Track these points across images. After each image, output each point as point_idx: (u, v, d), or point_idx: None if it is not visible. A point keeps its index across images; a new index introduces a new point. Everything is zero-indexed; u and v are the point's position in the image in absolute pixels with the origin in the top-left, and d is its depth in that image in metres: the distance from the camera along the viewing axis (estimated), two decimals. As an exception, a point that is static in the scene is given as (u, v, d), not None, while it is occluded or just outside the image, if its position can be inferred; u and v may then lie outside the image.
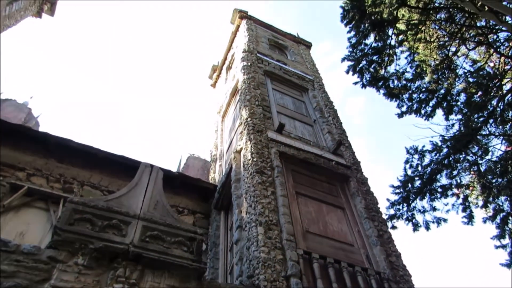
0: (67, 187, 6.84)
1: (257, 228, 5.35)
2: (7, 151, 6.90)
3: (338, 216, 6.68)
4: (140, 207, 4.57)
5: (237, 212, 6.28)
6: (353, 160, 8.14)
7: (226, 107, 11.15)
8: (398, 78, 11.41)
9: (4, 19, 11.78)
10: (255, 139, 7.16)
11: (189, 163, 12.75)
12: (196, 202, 8.30)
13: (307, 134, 8.73)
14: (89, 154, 7.32)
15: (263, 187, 6.09)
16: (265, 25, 14.75)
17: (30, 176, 6.67)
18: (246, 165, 6.74)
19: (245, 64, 10.35)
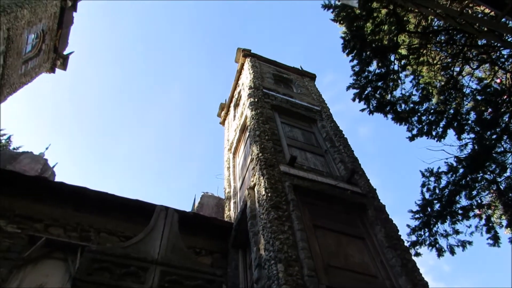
0: (84, 235, 6.84)
1: (277, 265, 5.23)
2: (24, 203, 7.00)
3: (359, 247, 6.51)
4: (157, 251, 4.55)
5: (255, 249, 6.17)
6: (368, 188, 8.03)
7: (237, 144, 11.24)
8: (405, 102, 11.45)
9: (20, 77, 12.34)
10: (267, 174, 7.15)
11: (203, 202, 12.71)
12: (213, 241, 8.18)
13: (319, 165, 8.70)
14: (104, 201, 7.37)
15: (279, 222, 6.01)
16: (269, 61, 15.11)
17: (48, 227, 6.72)
18: (261, 201, 6.69)
19: (252, 100, 10.53)
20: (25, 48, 12.31)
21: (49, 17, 13.46)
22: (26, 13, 11.38)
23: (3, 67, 10.80)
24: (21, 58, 12.01)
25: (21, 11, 11.08)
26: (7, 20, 10.32)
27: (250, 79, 12.18)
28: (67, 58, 15.65)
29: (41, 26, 12.97)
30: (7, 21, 10.32)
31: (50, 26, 13.80)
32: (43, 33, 13.43)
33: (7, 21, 10.32)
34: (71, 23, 15.67)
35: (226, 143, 12.74)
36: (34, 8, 11.90)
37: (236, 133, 11.55)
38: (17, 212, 6.82)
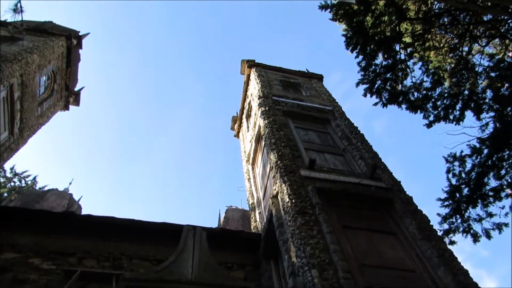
0: (117, 264, 6.93)
1: (311, 271, 5.17)
2: (55, 239, 7.15)
3: (391, 243, 6.39)
4: (190, 272, 4.57)
5: (287, 257, 6.13)
6: (392, 181, 7.90)
7: (254, 154, 11.26)
8: (417, 90, 11.29)
9: (37, 118, 12.73)
10: (289, 180, 7.13)
11: (228, 216, 12.74)
12: (243, 254, 8.15)
13: (339, 164, 8.62)
14: (132, 228, 7.46)
15: (307, 227, 5.96)
16: (274, 68, 15.17)
17: (81, 260, 6.84)
18: (286, 208, 6.66)
19: (263, 110, 10.57)
20: (38, 90, 12.72)
21: (57, 58, 13.90)
22: (35, 58, 11.79)
23: (21, 112, 11.18)
24: (36, 101, 12.41)
25: (31, 56, 11.49)
26: (19, 67, 10.71)
27: (258, 89, 12.24)
28: (78, 94, 16.08)
29: (50, 67, 13.40)
30: (19, 67, 10.71)
31: (59, 66, 14.24)
32: (53, 73, 13.87)
33: (19, 67, 10.71)
34: (78, 60, 16.14)
35: (243, 155, 12.78)
36: (42, 52, 12.32)
37: (252, 144, 11.59)
38: (50, 249, 6.97)
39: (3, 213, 7.48)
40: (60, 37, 14.03)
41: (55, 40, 13.61)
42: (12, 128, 10.87)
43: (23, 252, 6.86)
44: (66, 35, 14.37)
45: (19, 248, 6.92)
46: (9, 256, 6.76)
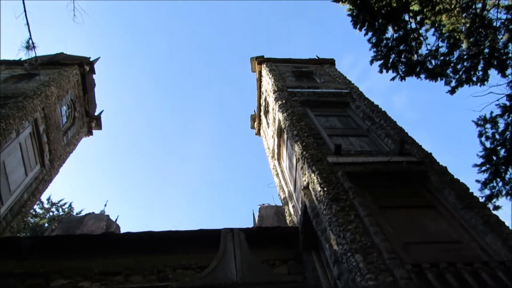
0: (162, 276, 7.06)
1: (355, 256, 5.09)
2: (100, 261, 7.35)
3: (432, 216, 6.22)
4: (235, 273, 4.59)
5: (328, 246, 6.06)
6: (423, 154, 7.69)
7: (278, 149, 11.22)
8: (434, 57, 10.93)
9: (64, 148, 13.12)
10: (317, 169, 7.05)
11: (262, 214, 12.76)
12: (284, 249, 8.13)
13: (365, 145, 8.47)
14: (170, 239, 7.56)
15: (344, 213, 5.88)
16: (284, 60, 15.07)
17: (127, 277, 7.00)
18: (319, 197, 6.60)
19: (280, 103, 10.51)
20: (61, 120, 13.10)
21: (74, 86, 14.27)
22: (53, 90, 12.13)
23: (48, 143, 11.54)
24: (60, 131, 12.79)
25: (49, 89, 11.83)
26: (40, 101, 11.05)
27: (272, 83, 12.18)
28: (99, 118, 16.45)
29: (69, 96, 13.76)
30: (40, 102, 11.05)
31: (77, 94, 14.61)
32: (72, 102, 14.24)
33: (40, 102, 11.05)
34: (93, 85, 16.52)
35: (267, 152, 12.76)
36: (59, 83, 12.67)
37: (274, 139, 11.55)
38: (96, 271, 7.18)
39: (47, 243, 7.75)
40: (73, 66, 14.37)
41: (68, 69, 13.97)
42: (42, 161, 11.24)
43: (72, 277, 7.09)
44: (78, 63, 14.71)
45: (67, 274, 7.15)
46: (59, 283, 7.00)
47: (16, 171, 9.89)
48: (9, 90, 11.32)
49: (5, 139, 9.16)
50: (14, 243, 7.61)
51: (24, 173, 10.26)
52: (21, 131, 10.06)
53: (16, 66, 13.80)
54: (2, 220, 9.17)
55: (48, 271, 7.16)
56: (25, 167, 10.32)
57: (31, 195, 10.54)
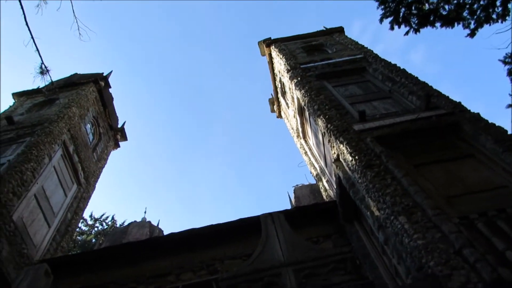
0: (211, 270, 7.20)
1: (398, 218, 5.01)
2: (149, 265, 7.57)
3: (472, 165, 6.01)
4: (281, 254, 4.61)
5: (369, 214, 5.98)
6: (452, 105, 7.41)
7: (302, 127, 11.12)
8: (447, 2, 10.39)
9: (96, 164, 13.51)
10: (345, 139, 6.94)
11: (298, 195, 12.75)
12: (325, 225, 8.11)
13: (390, 107, 8.25)
14: (213, 232, 7.68)
15: (380, 178, 5.77)
16: (292, 38, 14.80)
17: (178, 275, 7.19)
18: (352, 167, 6.50)
19: (296, 81, 10.37)
20: (88, 138, 13.47)
21: (93, 103, 14.61)
22: (75, 110, 12.46)
23: (80, 162, 11.92)
24: (89, 148, 13.16)
25: (71, 110, 12.16)
26: (64, 123, 11.39)
27: (284, 63, 12.01)
28: (123, 130, 16.81)
29: (90, 114, 14.11)
30: (64, 124, 11.39)
31: (97, 110, 14.96)
32: (95, 119, 14.60)
33: (64, 124, 11.39)
34: (111, 98, 16.84)
35: (292, 132, 12.67)
36: (78, 103, 13.00)
37: (296, 118, 11.44)
38: (148, 275, 7.40)
39: (96, 256, 8.04)
40: (89, 84, 14.69)
41: (85, 88, 14.29)
42: (78, 180, 11.63)
43: (126, 285, 7.35)
44: (93, 80, 15.02)
45: (120, 282, 7.41)
46: (116, 291, 7.28)
47: (56, 194, 10.28)
48: (34, 119, 11.72)
49: (39, 165, 9.51)
50: (67, 261, 7.95)
51: (63, 194, 10.66)
52: (52, 155, 10.41)
53: (35, 95, 14.24)
54: (52, 241, 9.58)
55: (103, 282, 7.45)
56: (63, 188, 10.71)
57: (74, 214, 10.95)
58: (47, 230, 9.53)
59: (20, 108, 13.25)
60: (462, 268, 4.19)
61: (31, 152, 9.38)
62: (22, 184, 8.65)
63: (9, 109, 13.37)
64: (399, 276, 5.80)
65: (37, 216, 9.21)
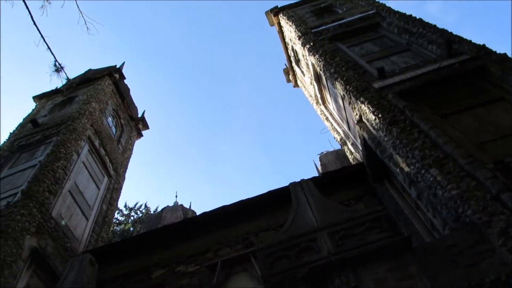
0: (247, 243, 7.34)
1: (430, 171, 4.89)
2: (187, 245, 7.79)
3: (503, 108, 5.77)
4: (314, 220, 4.62)
5: (399, 171, 5.88)
6: (475, 49, 7.05)
7: (320, 93, 10.93)
8: None
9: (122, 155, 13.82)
10: (366, 99, 6.76)
11: (324, 162, 12.70)
12: (354, 188, 8.06)
13: (410, 60, 7.95)
14: (244, 207, 7.78)
15: (406, 133, 5.62)
16: (299, 4, 14.33)
17: (216, 252, 7.38)
18: (376, 126, 6.36)
19: (308, 47, 10.11)
20: (111, 131, 13.74)
21: (111, 96, 14.80)
22: (94, 105, 12.67)
23: (107, 155, 12.21)
24: (114, 140, 13.44)
25: (90, 105, 12.38)
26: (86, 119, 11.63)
27: (294, 30, 11.71)
28: (144, 119, 17.03)
29: (110, 107, 14.33)
30: (87, 120, 11.63)
31: (116, 102, 15.17)
32: (115, 111, 14.83)
33: (87, 120, 11.63)
34: (128, 89, 17.00)
35: (310, 100, 12.49)
36: (97, 97, 13.20)
37: (313, 85, 11.24)
38: (187, 255, 7.63)
39: (135, 243, 8.33)
40: (104, 78, 14.85)
41: (101, 82, 14.46)
42: (107, 172, 11.96)
43: (168, 266, 7.60)
44: (108, 74, 15.15)
45: (162, 264, 7.68)
46: (159, 273, 7.56)
47: (89, 188, 10.62)
48: (57, 118, 11.99)
49: (69, 162, 9.80)
50: (109, 250, 8.28)
51: (96, 187, 11.00)
52: (80, 151, 10.69)
53: (55, 95, 14.52)
54: (92, 233, 9.98)
55: (146, 266, 7.74)
56: (95, 181, 11.04)
57: (108, 205, 11.31)
58: (85, 223, 9.91)
59: (43, 110, 13.57)
60: (501, 213, 4.09)
61: (59, 151, 9.65)
62: (56, 182, 8.96)
63: (32, 112, 13.71)
64: (436, 229, 5.74)
65: (74, 210, 9.57)
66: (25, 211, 7.70)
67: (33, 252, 7.48)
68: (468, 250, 4.02)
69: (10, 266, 6.79)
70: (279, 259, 4.30)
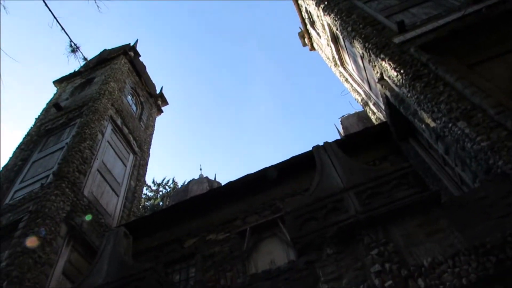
0: (274, 209, 7.45)
1: (457, 124, 4.74)
2: (215, 214, 7.99)
3: (535, 52, 5.44)
4: (340, 181, 4.60)
5: (424, 127, 5.73)
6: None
7: (338, 54, 10.62)
8: None
9: (145, 132, 14.04)
10: (387, 55, 6.52)
11: (345, 125, 12.54)
12: (379, 149, 7.95)
13: (431, 10, 7.53)
14: (269, 174, 7.83)
15: (431, 87, 5.43)
16: (311, -39, 13.69)
17: (244, 219, 7.54)
18: (398, 83, 6.16)
19: (323, 6, 9.72)
20: (132, 109, 13.92)
21: (128, 75, 14.89)
22: (113, 85, 12.81)
23: (130, 133, 12.44)
24: (135, 118, 13.64)
25: (109, 85, 12.51)
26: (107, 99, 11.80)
27: (308, -10, 11.26)
28: (162, 95, 17.12)
29: (128, 85, 14.44)
30: (107, 99, 11.80)
31: (134, 80, 15.27)
32: (133, 89, 14.95)
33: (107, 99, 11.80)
34: (144, 67, 17.04)
35: (328, 62, 12.18)
36: (114, 77, 13.31)
37: (330, 47, 10.91)
38: (216, 223, 7.83)
39: (166, 215, 8.57)
40: (119, 57, 14.89)
41: (117, 62, 14.53)
42: (132, 149, 12.22)
43: (199, 235, 7.84)
44: (123, 52, 15.19)
45: (193, 233, 7.93)
46: (191, 242, 7.82)
47: (116, 165, 10.91)
48: (79, 101, 12.21)
49: (94, 142, 10.05)
50: (141, 223, 8.59)
51: (122, 164, 11.29)
52: (104, 130, 10.92)
53: (74, 78, 14.74)
54: (123, 208, 10.35)
55: (178, 236, 8.02)
56: (121, 159, 11.32)
57: (136, 181, 11.63)
58: (116, 200, 10.26)
59: (64, 93, 13.82)
60: (534, 162, 3.95)
61: (84, 132, 9.90)
62: (84, 162, 9.24)
63: (54, 96, 14.00)
64: (465, 183, 5.63)
65: (104, 188, 9.89)
66: (58, 191, 8.03)
67: (70, 229, 7.85)
68: (500, 201, 3.93)
69: (50, 243, 7.16)
70: (307, 221, 4.34)
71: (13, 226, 7.51)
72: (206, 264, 7.14)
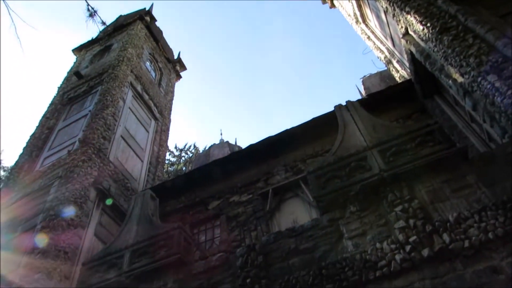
0: (296, 170, 7.50)
1: (487, 78, 4.54)
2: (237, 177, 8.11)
3: None
4: (363, 139, 4.55)
5: (451, 82, 5.52)
6: None
7: (359, 10, 10.17)
8: None
9: (165, 97, 14.11)
10: (412, 8, 6.18)
11: (367, 85, 12.24)
12: (403, 107, 7.76)
13: (461, -43, 7.03)
14: (290, 136, 7.81)
15: (459, 40, 5.16)
16: None
17: (267, 181, 7.64)
18: (424, 37, 5.88)
19: (344, -41, 9.23)
20: (151, 75, 13.93)
21: (145, 40, 14.78)
22: (131, 51, 12.77)
23: (151, 99, 12.54)
24: (155, 85, 13.68)
25: (127, 52, 12.49)
26: (126, 65, 11.82)
27: None
28: (180, 60, 17.00)
29: (146, 51, 14.38)
30: (126, 66, 11.82)
31: (151, 46, 15.17)
32: (151, 55, 14.89)
33: (126, 66, 11.82)
34: (161, 32, 16.86)
35: (349, 19, 11.71)
36: (132, 43, 13.25)
37: (351, 3, 10.44)
38: (239, 185, 7.97)
39: (190, 178, 8.76)
40: (135, 23, 14.74)
41: (133, 27, 14.40)
42: (153, 115, 12.36)
43: (223, 196, 8.03)
44: (139, 17, 15.00)
45: (218, 195, 8.12)
46: (215, 203, 8.02)
47: (139, 131, 11.11)
48: (99, 68, 12.29)
49: (116, 108, 10.20)
50: (166, 186, 8.83)
51: (145, 130, 11.48)
52: (125, 97, 11.03)
53: (92, 46, 14.76)
54: (148, 173, 10.63)
55: (202, 198, 8.23)
56: (143, 125, 11.50)
57: (159, 146, 11.85)
58: (141, 165, 10.53)
59: (83, 62, 13.91)
60: None
61: (106, 99, 10.02)
62: (108, 129, 9.43)
63: (74, 65, 14.11)
64: (493, 140, 5.47)
65: (129, 153, 10.14)
66: (85, 157, 8.28)
67: (99, 193, 8.16)
68: (531, 156, 3.82)
69: (81, 206, 7.48)
70: (330, 180, 4.35)
71: (45, 191, 7.86)
72: (231, 225, 7.35)
